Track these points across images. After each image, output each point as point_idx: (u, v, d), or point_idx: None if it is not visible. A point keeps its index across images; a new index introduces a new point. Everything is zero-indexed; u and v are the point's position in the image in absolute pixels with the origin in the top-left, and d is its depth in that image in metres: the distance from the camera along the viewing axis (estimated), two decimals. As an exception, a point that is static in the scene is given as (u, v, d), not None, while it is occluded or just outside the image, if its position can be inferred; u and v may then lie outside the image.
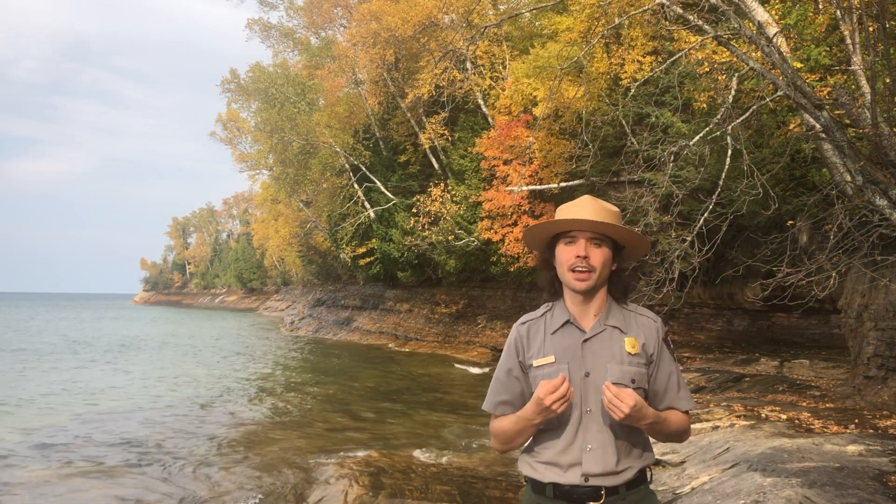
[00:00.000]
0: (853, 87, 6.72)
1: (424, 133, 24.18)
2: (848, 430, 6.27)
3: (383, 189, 27.27)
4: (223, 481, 7.94)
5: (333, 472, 8.12)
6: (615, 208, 2.02)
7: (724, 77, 9.05)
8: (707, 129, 8.67)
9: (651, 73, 10.75)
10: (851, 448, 5.39)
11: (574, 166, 16.79)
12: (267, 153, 32.90)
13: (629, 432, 1.95)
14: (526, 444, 2.04)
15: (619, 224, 1.98)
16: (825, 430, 6.40)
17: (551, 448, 1.95)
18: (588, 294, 1.98)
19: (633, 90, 10.40)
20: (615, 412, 1.82)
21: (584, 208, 1.97)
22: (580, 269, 1.94)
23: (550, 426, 1.95)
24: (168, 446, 9.71)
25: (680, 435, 2.03)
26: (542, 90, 16.01)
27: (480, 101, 22.30)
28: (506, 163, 19.08)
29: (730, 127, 8.12)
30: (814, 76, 7.71)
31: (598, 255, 1.95)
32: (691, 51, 8.92)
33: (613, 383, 1.91)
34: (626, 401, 1.81)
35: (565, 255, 1.97)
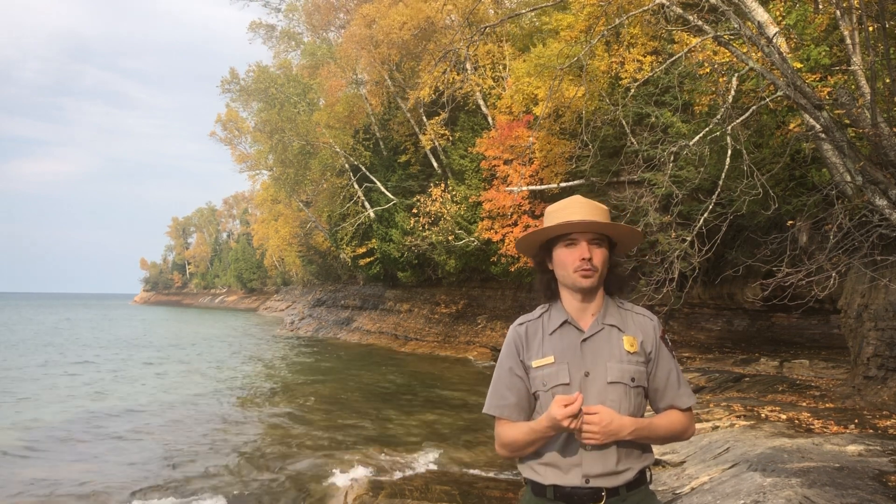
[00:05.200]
0: (853, 87, 6.72)
1: (425, 134, 24.17)
2: (848, 430, 6.26)
3: (383, 189, 27.27)
4: (222, 479, 7.95)
5: (333, 471, 8.13)
6: (603, 206, 2.04)
7: (724, 77, 9.05)
8: (707, 129, 8.67)
9: (651, 74, 10.75)
10: (851, 448, 5.39)
11: (574, 166, 16.79)
12: (267, 153, 32.89)
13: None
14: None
15: (611, 221, 2.00)
16: (825, 430, 6.40)
17: (551, 449, 1.95)
18: (589, 293, 1.99)
19: (633, 90, 10.41)
20: (591, 438, 1.84)
21: (580, 209, 1.98)
22: (585, 268, 1.94)
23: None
24: (167, 445, 9.71)
25: (678, 434, 2.02)
26: (543, 89, 16.02)
27: (481, 102, 22.30)
28: (506, 163, 19.08)
29: (730, 127, 8.13)
30: (814, 76, 7.71)
31: (600, 255, 1.97)
32: (691, 51, 8.92)
33: (612, 382, 1.91)
34: (593, 420, 1.83)
35: (568, 257, 1.97)
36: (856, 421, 6.68)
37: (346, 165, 29.25)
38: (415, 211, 23.07)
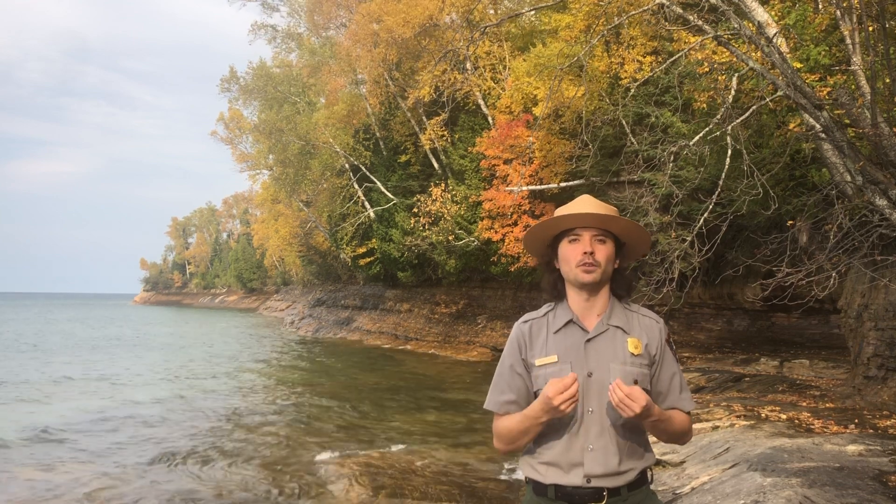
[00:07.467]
0: (853, 87, 6.72)
1: (425, 134, 24.18)
2: (848, 430, 6.26)
3: (383, 189, 27.27)
4: (223, 479, 7.95)
5: (333, 471, 8.13)
6: (613, 207, 2.03)
7: (724, 77, 9.05)
8: (707, 129, 8.67)
9: (651, 74, 10.75)
10: (851, 448, 5.39)
11: (574, 166, 16.78)
12: (267, 153, 32.91)
13: (630, 433, 1.94)
14: (527, 445, 2.03)
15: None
16: (825, 430, 6.40)
17: (552, 449, 1.94)
18: (593, 290, 1.97)
19: (633, 90, 10.41)
20: (626, 411, 1.80)
21: (586, 206, 1.97)
22: (587, 262, 1.94)
23: (551, 427, 1.94)
24: (168, 444, 9.71)
25: (682, 436, 2.02)
26: (543, 89, 16.03)
27: (481, 102, 22.29)
28: (506, 162, 19.08)
29: (730, 127, 8.13)
30: (814, 76, 7.70)
31: (603, 251, 1.95)
32: (691, 51, 8.92)
33: None
34: (638, 400, 1.79)
35: (571, 252, 1.97)
36: (856, 421, 6.68)
37: (346, 165, 29.25)
38: (415, 211, 23.07)
